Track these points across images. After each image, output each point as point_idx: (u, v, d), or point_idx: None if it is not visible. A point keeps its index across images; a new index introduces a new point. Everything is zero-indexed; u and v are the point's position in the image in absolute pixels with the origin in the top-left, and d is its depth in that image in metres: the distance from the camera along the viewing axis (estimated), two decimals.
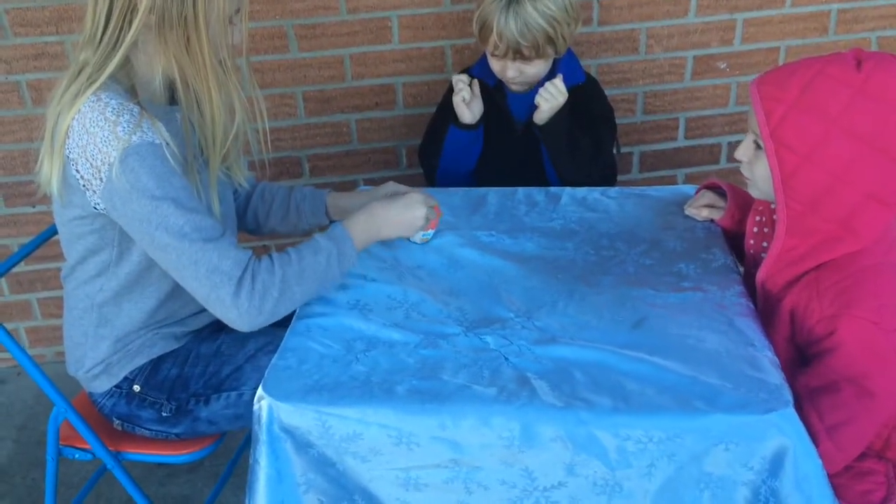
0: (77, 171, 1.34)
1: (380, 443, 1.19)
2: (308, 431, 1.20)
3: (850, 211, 1.22)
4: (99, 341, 1.52)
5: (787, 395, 1.18)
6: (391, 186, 1.72)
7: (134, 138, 1.31)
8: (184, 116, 1.44)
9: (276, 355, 1.33)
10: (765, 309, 1.39)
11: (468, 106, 1.89)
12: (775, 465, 1.15)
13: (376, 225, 1.52)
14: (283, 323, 1.42)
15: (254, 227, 1.76)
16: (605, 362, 1.27)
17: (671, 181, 2.47)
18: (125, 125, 1.31)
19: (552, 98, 1.84)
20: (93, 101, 1.33)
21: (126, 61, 1.38)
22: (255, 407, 1.24)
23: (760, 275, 1.38)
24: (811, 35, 2.32)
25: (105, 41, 1.35)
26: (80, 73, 1.37)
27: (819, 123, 1.19)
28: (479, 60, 1.99)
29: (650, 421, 1.16)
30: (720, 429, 1.16)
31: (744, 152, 1.34)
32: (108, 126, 1.31)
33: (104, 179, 1.32)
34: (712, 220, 1.62)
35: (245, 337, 1.58)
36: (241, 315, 1.34)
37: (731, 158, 2.43)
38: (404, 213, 1.55)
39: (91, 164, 1.32)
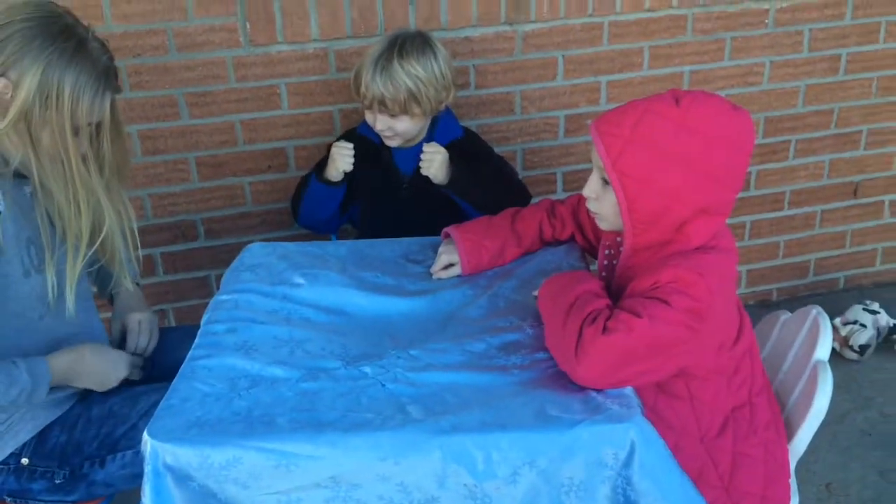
0: None
1: (259, 467, 1.23)
2: (188, 464, 1.23)
3: (682, 223, 1.38)
4: None
5: (636, 401, 1.30)
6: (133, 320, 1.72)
7: None
8: (35, 193, 1.43)
9: (163, 398, 1.36)
10: None
11: (337, 163, 1.98)
12: (629, 458, 1.25)
13: (77, 371, 1.53)
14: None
15: None
16: (474, 383, 1.36)
17: None
18: None
19: (431, 159, 1.97)
20: None
21: None
22: (142, 448, 1.27)
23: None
24: None
25: None
26: None
27: (651, 154, 1.35)
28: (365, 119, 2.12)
29: (512, 432, 1.25)
30: (577, 437, 1.25)
31: (592, 189, 1.45)
32: None
33: None
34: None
35: (137, 395, 1.59)
36: None
37: None
38: (105, 367, 1.57)
39: None
